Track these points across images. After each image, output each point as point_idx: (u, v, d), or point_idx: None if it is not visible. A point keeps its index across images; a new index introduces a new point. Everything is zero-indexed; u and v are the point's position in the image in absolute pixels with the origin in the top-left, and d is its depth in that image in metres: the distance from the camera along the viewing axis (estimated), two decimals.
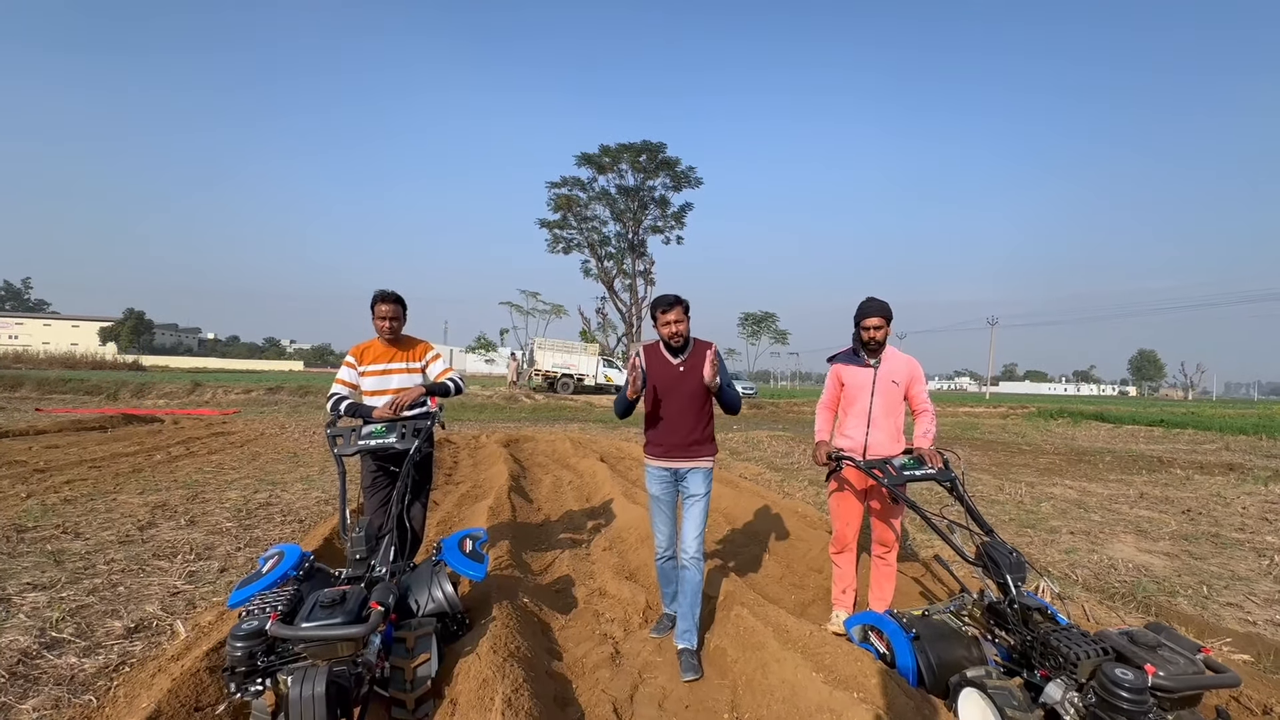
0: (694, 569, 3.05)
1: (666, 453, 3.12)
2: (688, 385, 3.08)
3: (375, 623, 2.17)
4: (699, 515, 3.08)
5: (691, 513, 3.10)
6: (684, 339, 3.06)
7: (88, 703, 2.43)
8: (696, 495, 3.10)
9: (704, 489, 3.10)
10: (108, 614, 3.23)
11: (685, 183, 39.47)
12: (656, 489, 3.18)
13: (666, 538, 3.21)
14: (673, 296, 3.03)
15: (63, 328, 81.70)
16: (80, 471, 6.93)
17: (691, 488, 3.11)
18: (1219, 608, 3.89)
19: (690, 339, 3.11)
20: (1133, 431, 18.14)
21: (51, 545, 4.30)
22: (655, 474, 3.18)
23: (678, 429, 3.09)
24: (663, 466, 3.14)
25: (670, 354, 3.12)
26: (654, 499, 3.21)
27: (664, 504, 3.19)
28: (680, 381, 3.08)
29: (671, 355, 3.11)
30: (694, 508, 3.10)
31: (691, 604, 3.04)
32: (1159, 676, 1.92)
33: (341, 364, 3.62)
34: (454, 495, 6.64)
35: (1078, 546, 5.15)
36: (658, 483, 3.17)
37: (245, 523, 5.11)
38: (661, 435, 3.13)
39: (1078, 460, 11.06)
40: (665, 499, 3.18)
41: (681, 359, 3.09)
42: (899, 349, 3.36)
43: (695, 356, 3.10)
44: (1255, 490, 7.93)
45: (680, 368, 3.08)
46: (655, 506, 3.22)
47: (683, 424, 3.09)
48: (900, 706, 2.31)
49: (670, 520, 3.21)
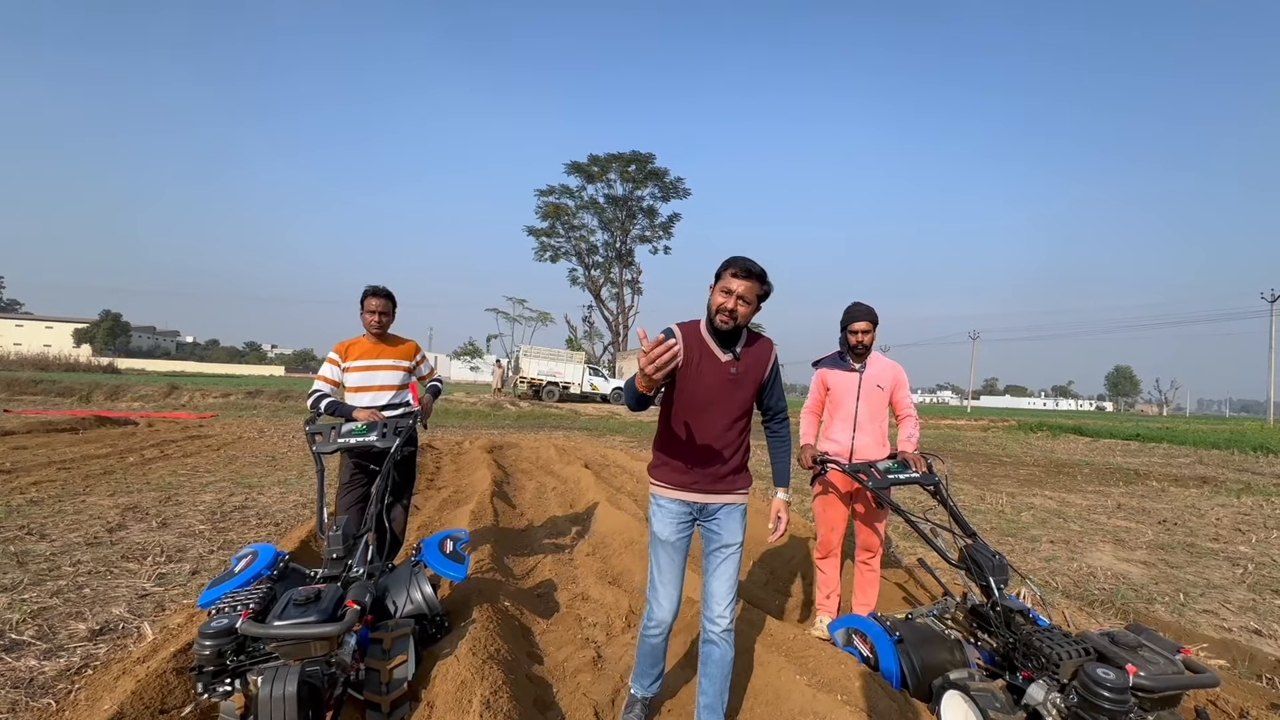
0: (724, 645, 2.21)
1: (691, 482, 2.24)
2: (738, 395, 2.21)
3: (350, 621, 2.11)
4: (732, 573, 2.23)
5: (723, 569, 2.24)
6: (737, 326, 2.14)
7: (46, 705, 2.33)
8: (730, 545, 2.24)
9: (739, 535, 2.26)
10: (71, 616, 3.12)
11: (673, 193, 39.78)
12: (668, 531, 2.25)
13: (672, 601, 2.26)
14: (759, 267, 2.10)
15: (35, 328, 79.74)
16: (49, 473, 6.72)
17: (725, 534, 2.25)
18: (1195, 614, 3.93)
19: (746, 330, 2.24)
20: (1110, 445, 18.44)
21: (15, 546, 4.15)
22: (669, 509, 2.26)
23: (710, 451, 2.21)
24: (681, 500, 2.26)
25: (718, 343, 2.20)
26: (660, 545, 2.27)
27: (676, 552, 2.26)
28: (728, 388, 2.19)
29: (720, 346, 2.20)
30: (727, 562, 2.23)
31: (721, 689, 2.22)
32: (1140, 676, 1.93)
33: (324, 361, 3.57)
34: (436, 500, 6.55)
35: (1057, 554, 5.20)
36: (671, 522, 2.25)
37: (219, 525, 4.98)
38: (685, 456, 2.22)
39: (1057, 472, 11.21)
40: (679, 546, 2.26)
41: (732, 355, 2.20)
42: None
43: (752, 356, 2.23)
44: (1228, 502, 8.09)
45: (731, 368, 2.19)
46: (661, 555, 2.27)
47: (722, 447, 2.22)
48: (884, 709, 2.30)
49: (680, 574, 2.29)
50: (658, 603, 2.28)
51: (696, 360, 2.19)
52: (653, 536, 2.31)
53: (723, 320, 2.11)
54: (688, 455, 2.22)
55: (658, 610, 2.29)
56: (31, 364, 36.92)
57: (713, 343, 2.20)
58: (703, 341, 2.20)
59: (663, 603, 2.27)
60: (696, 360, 2.19)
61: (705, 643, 2.25)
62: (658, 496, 2.31)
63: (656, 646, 2.35)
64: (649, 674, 2.43)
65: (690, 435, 2.21)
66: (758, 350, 2.25)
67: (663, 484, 2.28)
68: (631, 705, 2.44)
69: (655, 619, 2.30)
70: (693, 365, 2.18)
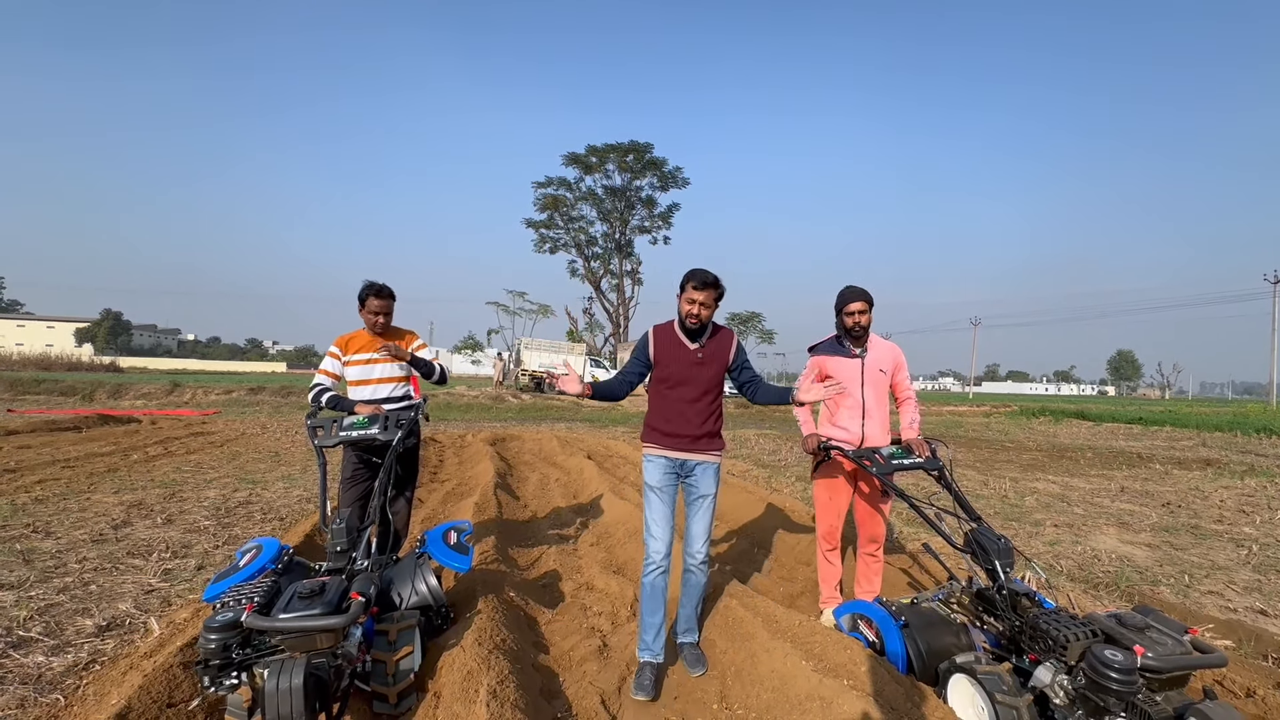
0: (700, 574, 2.83)
1: (673, 444, 2.80)
2: (705, 374, 2.80)
3: (355, 614, 2.11)
4: (707, 516, 2.82)
5: (699, 514, 2.82)
6: (702, 323, 2.76)
7: (55, 701, 2.34)
8: (706, 495, 2.82)
9: (713, 487, 2.83)
10: (78, 612, 3.13)
11: (672, 183, 39.54)
12: (656, 479, 2.80)
13: (664, 541, 2.75)
14: (711, 276, 2.70)
15: (37, 328, 79.78)
16: (53, 471, 6.74)
17: (700, 486, 2.82)
18: (1200, 595, 3.93)
19: (710, 324, 2.83)
20: (1112, 429, 18.43)
21: (21, 544, 4.17)
22: (657, 463, 2.82)
23: (689, 420, 2.78)
24: (666, 456, 2.81)
25: (687, 337, 2.81)
26: (652, 490, 2.81)
27: (665, 495, 2.79)
28: (696, 369, 2.80)
29: (689, 339, 2.81)
30: (702, 509, 2.82)
31: (695, 605, 2.87)
32: (1148, 657, 1.92)
33: (325, 355, 3.55)
34: (439, 493, 6.56)
35: (1061, 538, 5.20)
36: (659, 472, 2.80)
37: (224, 521, 4.99)
38: (668, 424, 2.80)
39: (1060, 456, 11.21)
40: (666, 490, 2.80)
41: (699, 344, 2.80)
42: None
43: (715, 343, 2.83)
44: (1232, 484, 8.08)
45: (698, 354, 2.79)
46: (654, 499, 2.80)
47: (694, 415, 2.79)
48: (890, 693, 2.29)
49: (670, 518, 2.79)
50: (653, 540, 2.77)
51: (671, 351, 2.81)
52: (646, 488, 2.84)
53: (692, 322, 2.74)
54: (668, 422, 2.80)
55: (654, 546, 2.76)
56: (34, 364, 36.99)
57: (683, 337, 2.81)
58: (675, 336, 2.82)
59: (656, 543, 2.76)
60: (671, 351, 2.81)
61: (686, 572, 2.84)
62: (648, 454, 2.85)
63: (656, 585, 2.76)
64: (653, 626, 2.74)
65: (669, 406, 2.81)
66: (720, 340, 2.85)
67: (651, 444, 2.85)
68: (642, 671, 2.71)
69: (652, 558, 2.76)
70: (668, 354, 2.81)
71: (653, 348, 2.83)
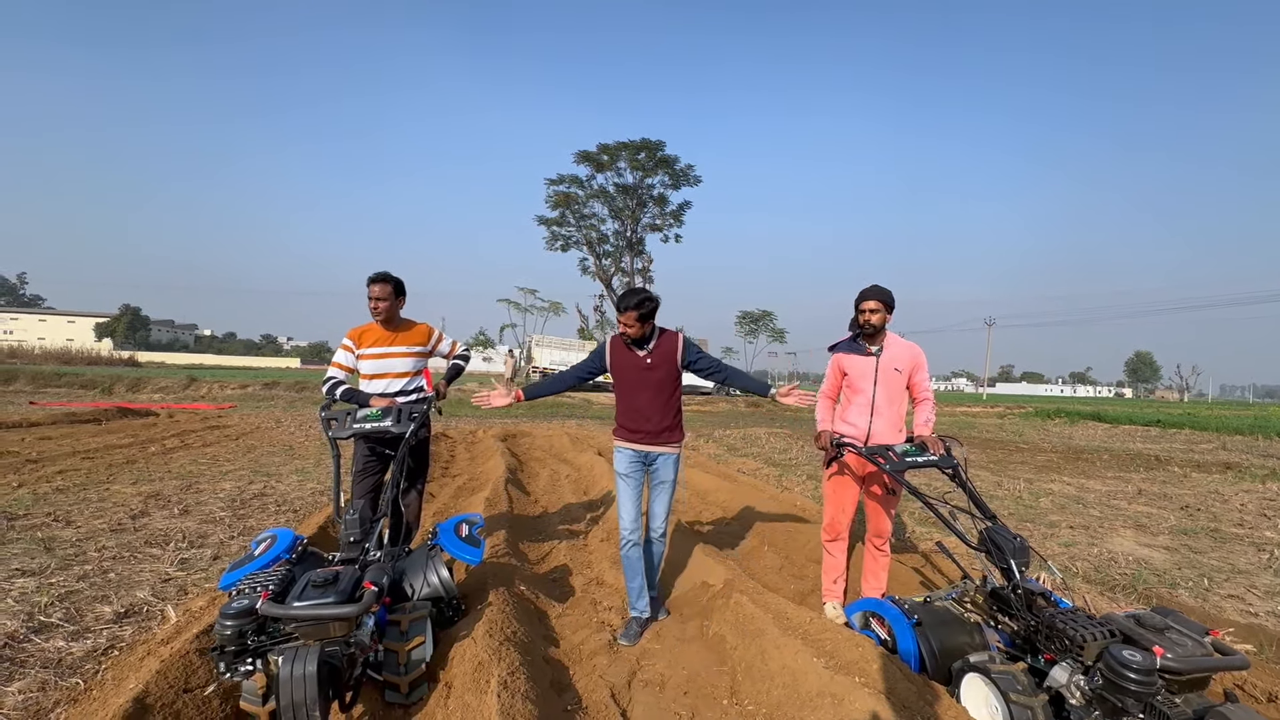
0: (659, 544, 3.33)
1: (638, 439, 3.15)
2: (655, 375, 3.11)
3: (368, 603, 2.13)
4: (667, 499, 3.24)
5: (660, 497, 3.23)
6: (642, 335, 3.06)
7: (74, 685, 2.38)
8: (666, 481, 3.21)
9: (673, 475, 3.22)
10: (97, 599, 3.18)
11: (684, 181, 39.41)
12: (624, 467, 3.19)
13: (632, 518, 3.17)
14: (634, 300, 2.99)
15: (58, 323, 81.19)
16: (73, 462, 6.86)
17: (661, 473, 3.20)
18: (1220, 599, 3.86)
19: (656, 329, 3.13)
20: (1129, 431, 18.14)
21: (42, 533, 4.24)
22: (624, 454, 3.20)
23: (648, 417, 3.12)
24: (632, 449, 3.17)
25: (635, 346, 3.12)
26: (621, 476, 3.20)
27: (632, 481, 3.19)
28: (647, 373, 3.11)
29: (636, 347, 3.12)
30: (663, 492, 3.22)
31: (655, 572, 3.35)
32: (1167, 658, 1.89)
33: (339, 348, 3.57)
34: (450, 487, 6.60)
35: (1077, 540, 5.13)
36: (626, 462, 3.19)
37: (239, 512, 5.05)
38: (631, 421, 3.16)
39: (1075, 458, 11.05)
40: (633, 476, 3.19)
41: (646, 350, 3.11)
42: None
43: (662, 346, 3.12)
44: (1253, 488, 7.92)
45: (646, 359, 3.10)
46: (622, 484, 3.21)
47: (652, 413, 3.12)
48: (902, 691, 2.27)
49: (637, 500, 3.20)
50: (623, 519, 3.18)
51: (621, 359, 3.14)
52: (616, 475, 3.24)
53: (631, 336, 3.07)
54: (631, 420, 3.16)
55: (625, 524, 3.17)
56: (55, 358, 37.66)
57: (630, 347, 3.12)
58: (623, 347, 3.14)
59: (626, 519, 3.17)
60: (621, 359, 3.14)
61: (648, 542, 3.29)
62: (618, 446, 3.23)
63: (630, 556, 3.18)
64: (635, 589, 3.21)
65: (631, 406, 3.16)
66: (665, 343, 3.14)
67: (619, 439, 3.23)
68: (630, 625, 3.18)
69: (625, 530, 3.17)
70: (622, 362, 3.15)
71: (609, 357, 3.17)
